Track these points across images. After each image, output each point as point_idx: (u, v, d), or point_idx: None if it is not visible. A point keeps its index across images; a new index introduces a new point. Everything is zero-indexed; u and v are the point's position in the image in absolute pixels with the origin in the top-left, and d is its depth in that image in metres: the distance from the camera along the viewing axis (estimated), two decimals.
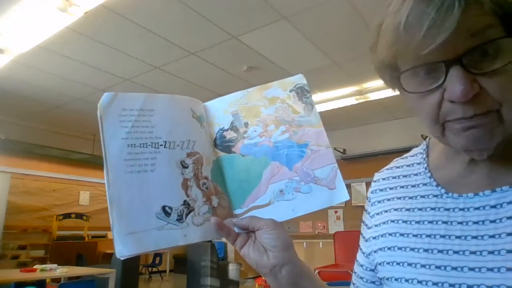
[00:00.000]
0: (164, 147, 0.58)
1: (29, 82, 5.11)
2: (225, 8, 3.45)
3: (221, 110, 0.67)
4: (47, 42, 3.92)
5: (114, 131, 0.55)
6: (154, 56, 4.42)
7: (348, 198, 0.60)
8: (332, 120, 6.52)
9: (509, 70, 0.38)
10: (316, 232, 7.44)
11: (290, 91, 0.67)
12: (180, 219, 0.55)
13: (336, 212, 7.29)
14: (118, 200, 0.52)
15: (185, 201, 0.57)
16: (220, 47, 4.18)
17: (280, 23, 3.71)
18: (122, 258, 0.51)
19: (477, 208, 0.45)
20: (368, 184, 6.89)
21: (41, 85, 5.24)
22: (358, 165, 6.69)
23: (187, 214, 0.56)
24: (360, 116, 6.59)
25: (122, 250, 0.50)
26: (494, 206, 0.44)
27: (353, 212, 7.03)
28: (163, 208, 0.54)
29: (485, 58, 0.39)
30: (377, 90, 5.28)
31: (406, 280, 0.47)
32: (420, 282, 0.46)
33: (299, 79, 0.68)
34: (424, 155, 0.57)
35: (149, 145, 0.57)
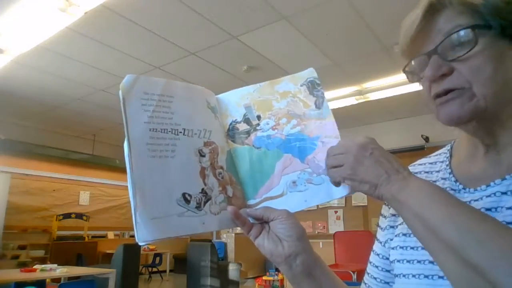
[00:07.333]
0: (183, 134, 0.58)
1: (29, 82, 5.11)
2: (225, 8, 3.46)
3: (234, 102, 0.68)
4: (47, 42, 3.93)
5: (137, 114, 0.54)
6: (154, 56, 4.42)
7: None
8: None
9: (475, 56, 0.46)
10: (316, 232, 7.44)
11: (301, 85, 0.68)
12: (198, 207, 0.55)
13: (336, 212, 7.30)
14: (141, 184, 0.51)
15: (203, 189, 0.57)
16: (220, 47, 4.18)
17: (280, 23, 3.71)
18: (143, 244, 0.50)
19: (489, 196, 0.48)
20: None
21: (41, 85, 5.24)
22: None
23: (205, 202, 0.56)
24: (360, 116, 6.59)
25: (145, 235, 0.49)
26: (505, 193, 0.47)
27: (353, 212, 7.04)
28: (183, 195, 0.54)
29: (455, 48, 0.47)
30: (377, 90, 5.28)
31: (419, 262, 0.50)
32: (431, 262, 0.48)
33: (310, 73, 0.69)
34: (448, 154, 0.59)
35: (169, 131, 0.56)
